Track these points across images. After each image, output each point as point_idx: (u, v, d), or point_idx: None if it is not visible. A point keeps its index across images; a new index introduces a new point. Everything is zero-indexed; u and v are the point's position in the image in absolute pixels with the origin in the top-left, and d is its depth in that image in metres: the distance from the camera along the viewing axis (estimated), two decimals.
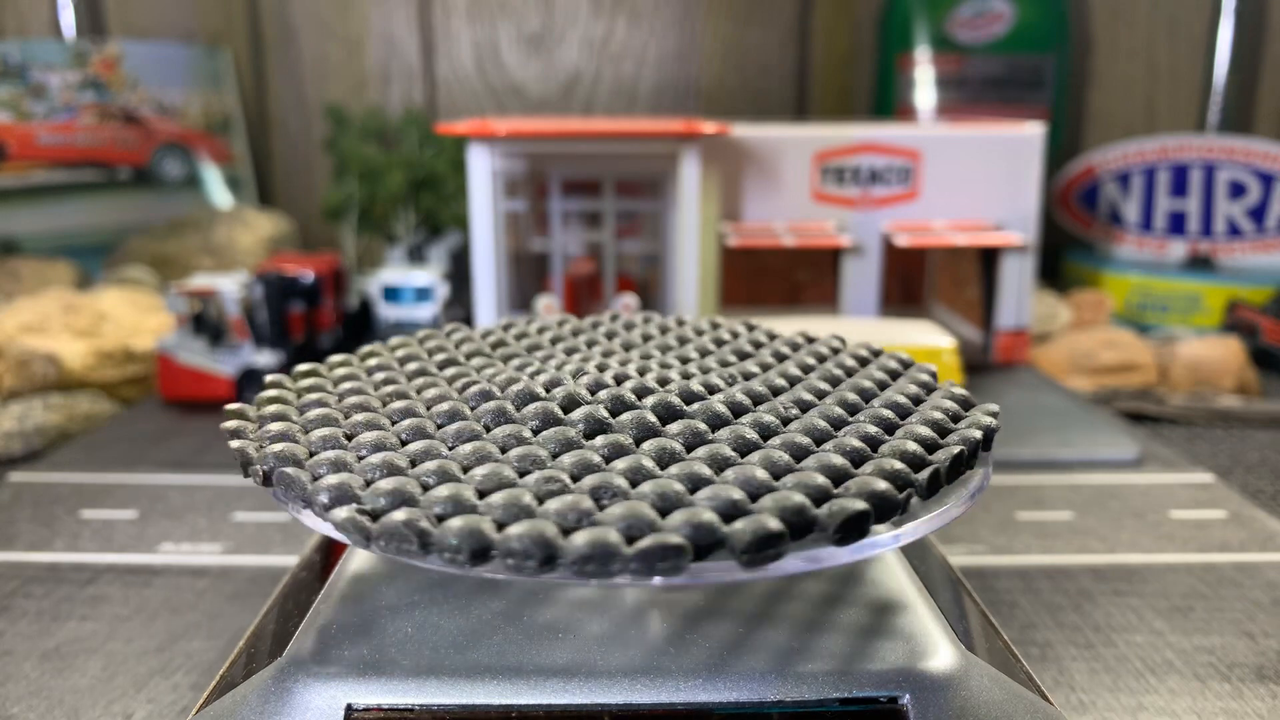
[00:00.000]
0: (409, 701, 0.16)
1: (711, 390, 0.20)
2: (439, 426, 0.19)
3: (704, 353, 0.23)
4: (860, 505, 0.15)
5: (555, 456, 0.17)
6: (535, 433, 0.18)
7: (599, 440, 0.17)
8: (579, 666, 0.16)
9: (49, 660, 0.25)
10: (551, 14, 0.79)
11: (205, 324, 0.47)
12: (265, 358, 0.47)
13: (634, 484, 0.16)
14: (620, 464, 0.16)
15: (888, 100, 0.75)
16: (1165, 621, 0.27)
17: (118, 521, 0.34)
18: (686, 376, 0.21)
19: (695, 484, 0.16)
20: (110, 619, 0.28)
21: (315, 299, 0.50)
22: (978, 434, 0.18)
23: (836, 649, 0.16)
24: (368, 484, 0.16)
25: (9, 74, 0.69)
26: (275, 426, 0.18)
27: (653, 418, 0.18)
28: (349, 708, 0.16)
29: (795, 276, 0.59)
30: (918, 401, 0.20)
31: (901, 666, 0.16)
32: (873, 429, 0.18)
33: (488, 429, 0.18)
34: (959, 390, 0.20)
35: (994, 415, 0.19)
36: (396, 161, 0.68)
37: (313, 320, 0.51)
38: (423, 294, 0.54)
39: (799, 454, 0.17)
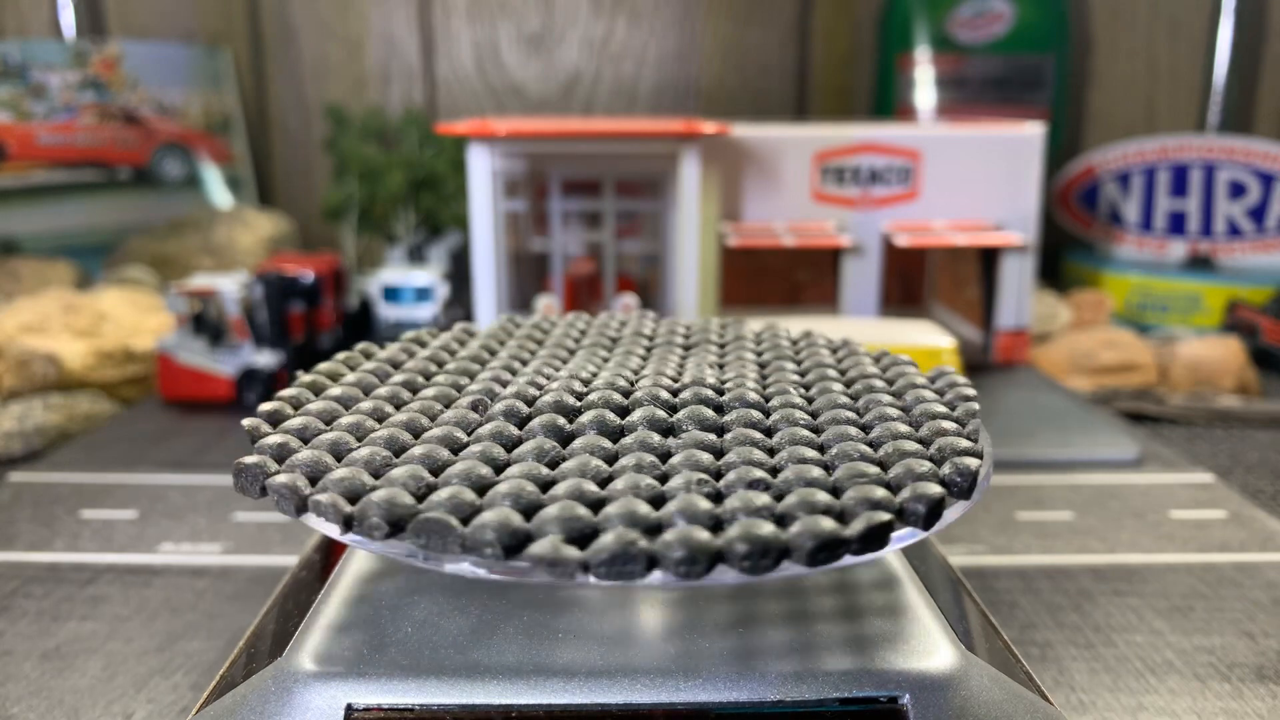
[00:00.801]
0: (409, 701, 0.16)
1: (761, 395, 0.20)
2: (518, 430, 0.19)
3: (763, 363, 0.23)
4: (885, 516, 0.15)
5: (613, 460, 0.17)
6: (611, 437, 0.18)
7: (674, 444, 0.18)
8: (579, 666, 0.16)
9: (49, 660, 0.25)
10: (551, 14, 0.79)
11: (205, 324, 0.47)
12: (265, 358, 0.47)
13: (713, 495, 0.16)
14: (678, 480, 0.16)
15: (888, 100, 0.75)
16: (1165, 621, 0.27)
17: (118, 521, 0.34)
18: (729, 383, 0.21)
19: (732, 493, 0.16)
20: (110, 619, 0.28)
21: (315, 299, 0.50)
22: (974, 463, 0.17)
23: (836, 649, 0.16)
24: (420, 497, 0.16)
25: (9, 74, 0.69)
26: (305, 455, 0.18)
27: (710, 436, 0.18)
28: (349, 708, 0.16)
29: (795, 276, 0.59)
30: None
31: (901, 666, 0.16)
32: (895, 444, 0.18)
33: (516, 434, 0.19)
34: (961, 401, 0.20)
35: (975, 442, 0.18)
36: (396, 161, 0.68)
37: (313, 320, 0.51)
38: (423, 294, 0.54)
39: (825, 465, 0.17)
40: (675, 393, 0.21)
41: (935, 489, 0.16)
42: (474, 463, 0.17)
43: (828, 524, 0.15)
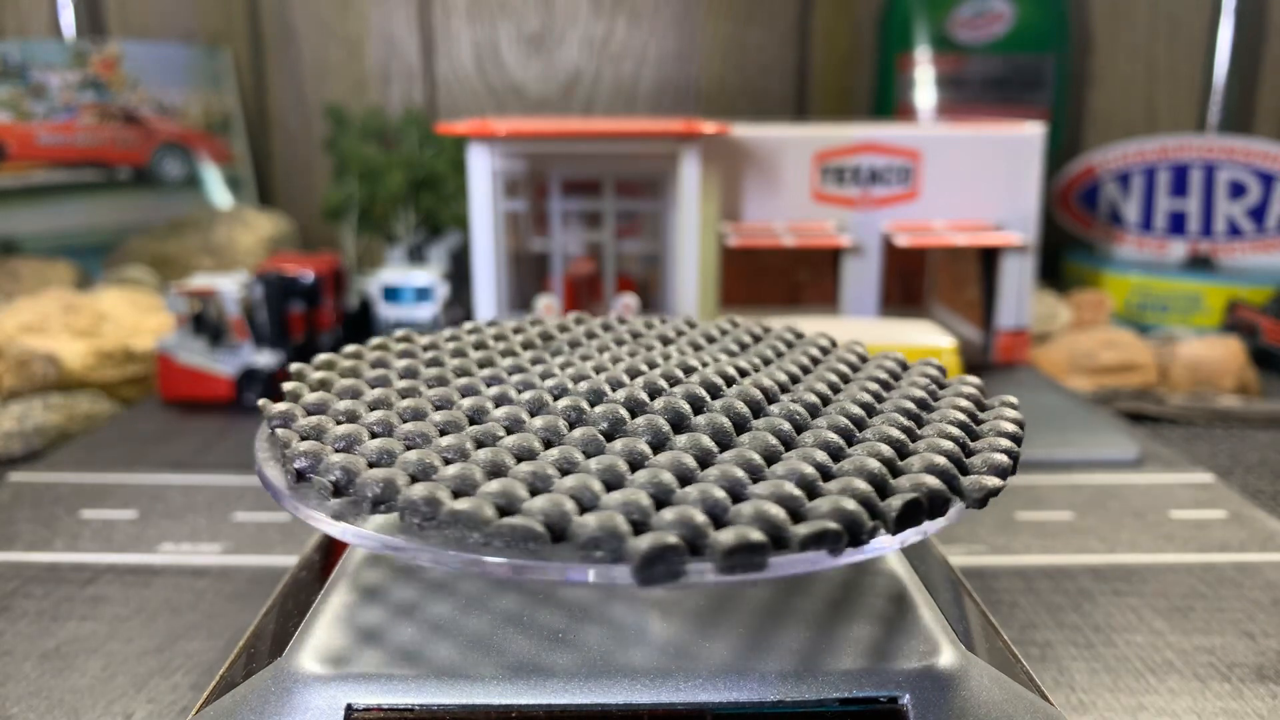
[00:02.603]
0: (409, 701, 0.16)
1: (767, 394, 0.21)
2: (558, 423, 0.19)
3: (767, 359, 0.23)
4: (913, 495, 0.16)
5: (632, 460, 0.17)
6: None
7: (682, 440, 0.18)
8: (579, 667, 0.16)
9: (49, 660, 0.25)
10: (551, 14, 0.79)
11: (205, 324, 0.47)
12: (265, 358, 0.47)
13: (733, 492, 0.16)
14: (715, 470, 0.17)
15: (888, 100, 0.75)
16: (1165, 621, 0.27)
17: (118, 521, 0.34)
18: (755, 383, 0.21)
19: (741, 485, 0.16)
20: (110, 619, 0.28)
21: (315, 299, 0.50)
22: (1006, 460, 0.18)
23: (836, 649, 0.16)
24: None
25: (9, 74, 0.69)
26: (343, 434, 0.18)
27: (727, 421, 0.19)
28: (349, 708, 0.16)
29: (795, 276, 0.59)
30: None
31: (902, 666, 0.16)
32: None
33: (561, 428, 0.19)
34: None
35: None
36: (396, 161, 0.68)
37: (313, 320, 0.51)
38: (423, 294, 0.54)
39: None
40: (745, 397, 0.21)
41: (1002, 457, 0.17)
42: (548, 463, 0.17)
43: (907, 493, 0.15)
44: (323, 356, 0.23)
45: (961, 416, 0.19)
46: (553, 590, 0.18)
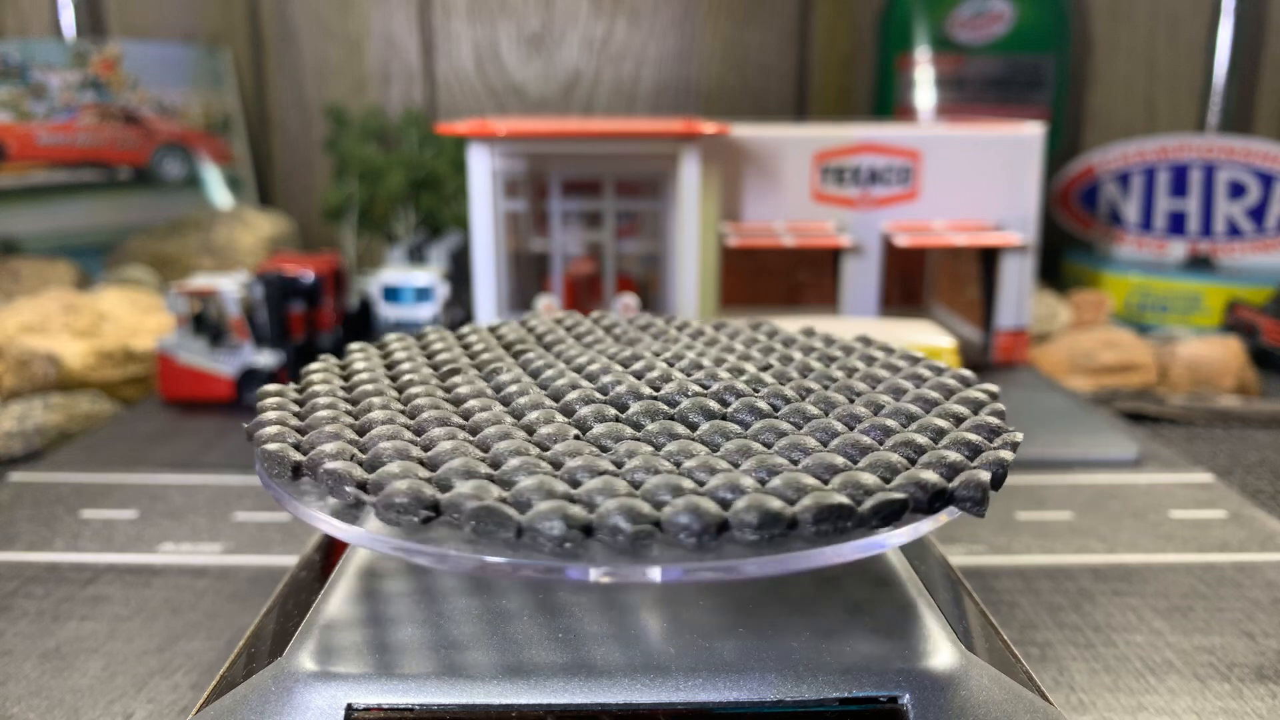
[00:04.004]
0: (409, 701, 0.16)
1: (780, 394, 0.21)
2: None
3: (790, 362, 0.24)
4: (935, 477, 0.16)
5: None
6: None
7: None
8: (579, 666, 0.16)
9: (49, 660, 0.25)
10: (551, 14, 0.79)
11: (205, 324, 0.47)
12: (265, 358, 0.47)
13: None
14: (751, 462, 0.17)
15: (888, 100, 0.75)
16: (1165, 621, 0.27)
17: (118, 521, 0.34)
18: (783, 380, 0.22)
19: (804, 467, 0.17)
20: (110, 619, 0.28)
21: (315, 299, 0.50)
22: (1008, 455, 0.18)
23: (836, 648, 0.16)
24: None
25: (9, 74, 0.69)
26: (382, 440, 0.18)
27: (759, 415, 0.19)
28: (349, 708, 0.16)
29: (795, 276, 0.59)
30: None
31: (901, 666, 0.16)
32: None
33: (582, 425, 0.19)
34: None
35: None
36: (396, 161, 0.68)
37: (313, 320, 0.51)
38: (423, 294, 0.54)
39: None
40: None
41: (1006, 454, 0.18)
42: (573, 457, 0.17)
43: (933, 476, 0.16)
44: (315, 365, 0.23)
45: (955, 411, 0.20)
46: (553, 590, 0.18)
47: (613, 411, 0.19)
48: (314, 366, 0.23)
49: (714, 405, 0.19)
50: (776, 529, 0.15)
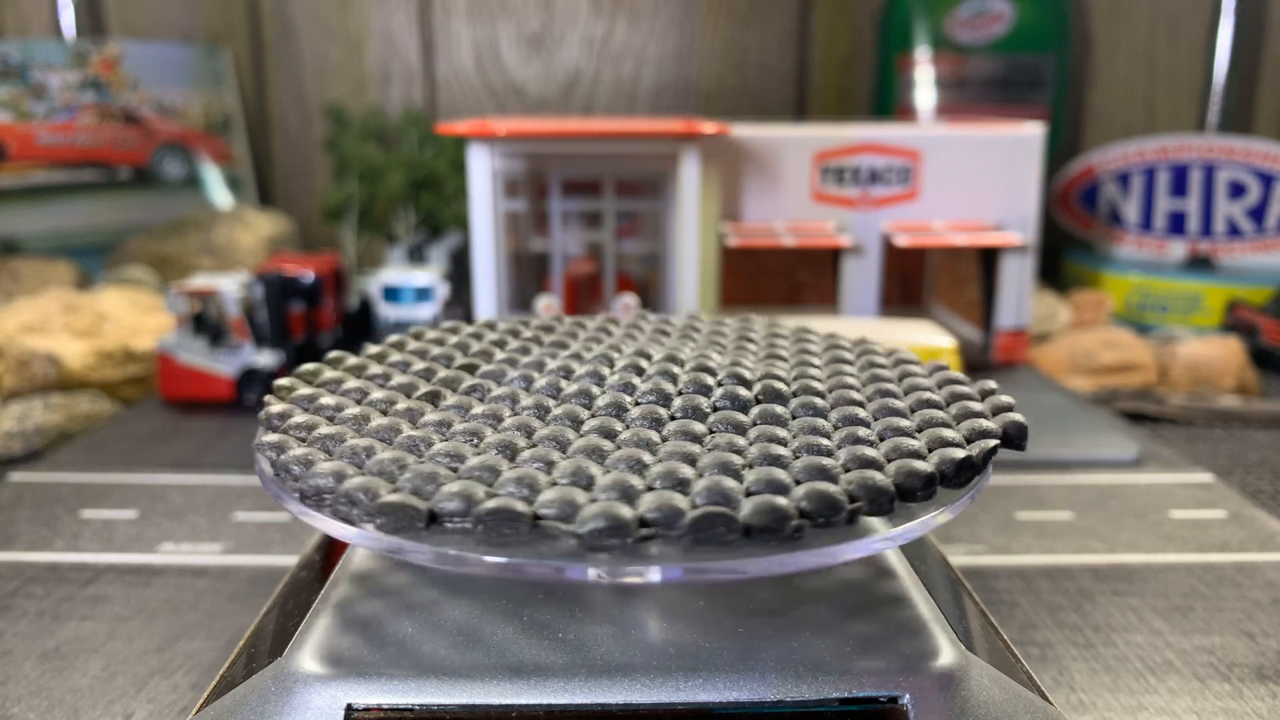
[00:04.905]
0: (409, 701, 0.16)
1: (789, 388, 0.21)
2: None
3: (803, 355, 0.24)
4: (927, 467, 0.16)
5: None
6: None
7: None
8: (579, 666, 0.16)
9: (49, 660, 0.25)
10: (551, 14, 0.79)
11: (205, 324, 0.47)
12: (265, 358, 0.47)
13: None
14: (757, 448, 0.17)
15: (888, 100, 0.75)
16: (1165, 621, 0.27)
17: (118, 521, 0.34)
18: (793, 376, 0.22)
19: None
20: (110, 619, 0.28)
21: (315, 299, 0.50)
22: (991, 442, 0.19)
23: (837, 648, 0.16)
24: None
25: (9, 74, 0.69)
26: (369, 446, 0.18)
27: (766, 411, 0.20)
28: (349, 708, 0.16)
29: (795, 276, 0.59)
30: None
31: (902, 666, 0.16)
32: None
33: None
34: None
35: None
36: (396, 161, 0.68)
37: (313, 320, 0.51)
38: (423, 294, 0.54)
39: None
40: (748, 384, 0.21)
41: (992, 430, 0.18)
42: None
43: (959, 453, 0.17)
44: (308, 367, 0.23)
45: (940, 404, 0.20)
46: (553, 590, 0.18)
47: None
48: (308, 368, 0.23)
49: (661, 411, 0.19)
50: (778, 528, 0.15)
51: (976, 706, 0.16)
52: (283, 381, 0.21)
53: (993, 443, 0.18)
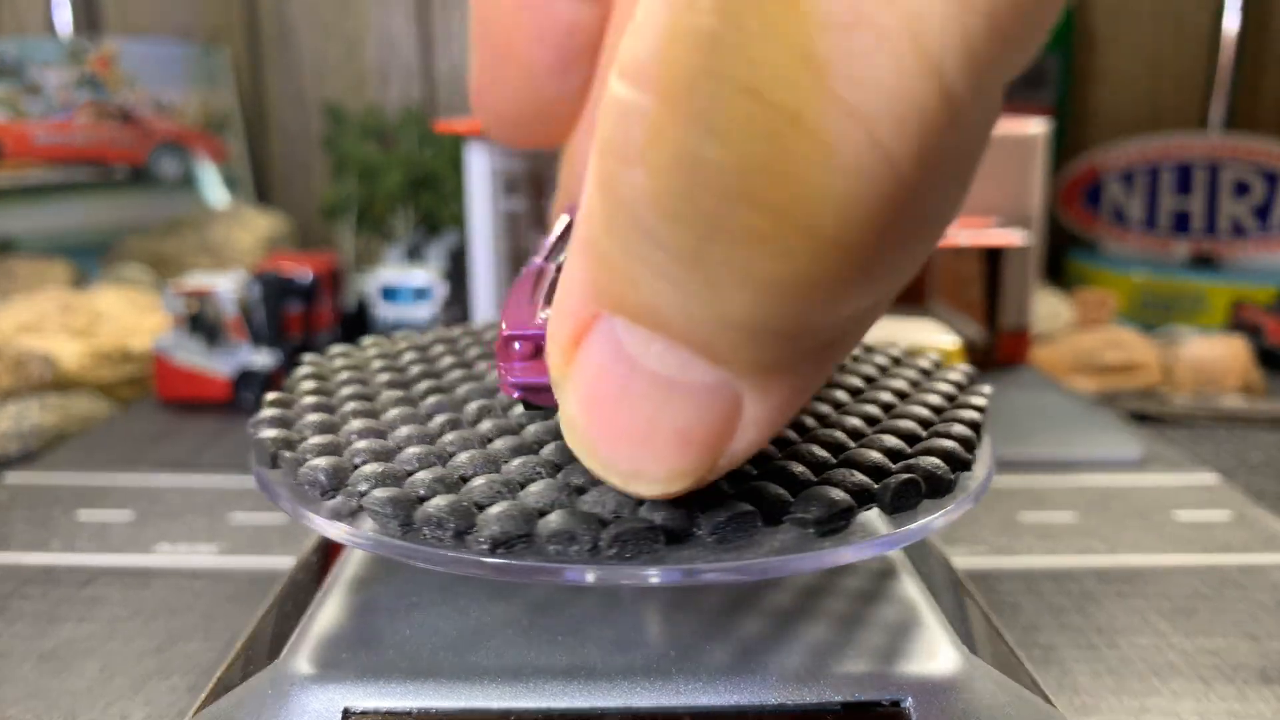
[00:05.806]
0: (407, 705, 0.15)
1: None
2: None
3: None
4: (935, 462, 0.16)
5: None
6: None
7: None
8: (578, 669, 0.16)
9: (46, 662, 0.25)
10: None
11: (202, 324, 0.47)
12: (262, 358, 0.47)
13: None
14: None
15: None
16: (1169, 623, 0.27)
17: (114, 523, 0.34)
18: None
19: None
20: (107, 620, 0.27)
21: (313, 298, 0.50)
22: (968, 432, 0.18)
23: (838, 652, 0.16)
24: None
25: (5, 72, 0.69)
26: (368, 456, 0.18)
27: None
28: (346, 711, 0.15)
29: None
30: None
31: (904, 669, 0.16)
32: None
33: None
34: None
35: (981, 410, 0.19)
36: (395, 160, 0.68)
37: (310, 320, 0.50)
38: (421, 293, 0.54)
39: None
40: None
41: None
42: None
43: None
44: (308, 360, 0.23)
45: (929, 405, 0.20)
46: (552, 593, 0.18)
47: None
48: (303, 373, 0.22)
49: None
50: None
51: (979, 710, 0.16)
52: (301, 370, 0.21)
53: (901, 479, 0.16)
